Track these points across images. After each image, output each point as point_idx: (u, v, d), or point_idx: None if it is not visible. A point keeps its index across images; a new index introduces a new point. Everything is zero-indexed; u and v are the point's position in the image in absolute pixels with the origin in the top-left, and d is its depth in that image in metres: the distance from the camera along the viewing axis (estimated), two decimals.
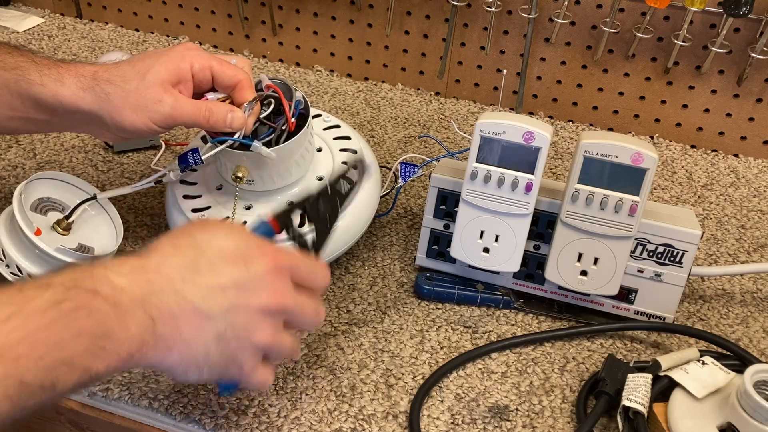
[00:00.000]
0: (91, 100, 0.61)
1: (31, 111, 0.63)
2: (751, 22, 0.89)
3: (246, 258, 0.49)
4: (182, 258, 0.48)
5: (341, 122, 0.79)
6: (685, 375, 0.60)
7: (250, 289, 0.49)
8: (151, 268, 0.47)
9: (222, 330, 0.48)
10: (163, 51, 0.63)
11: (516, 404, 0.63)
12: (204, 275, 0.48)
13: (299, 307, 0.52)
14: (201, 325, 0.47)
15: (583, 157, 0.63)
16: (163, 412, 0.61)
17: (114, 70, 0.62)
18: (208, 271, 0.48)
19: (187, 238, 0.50)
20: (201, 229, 0.51)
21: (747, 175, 0.95)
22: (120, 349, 0.43)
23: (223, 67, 0.63)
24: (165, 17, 1.19)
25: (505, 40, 1.01)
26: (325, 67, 1.14)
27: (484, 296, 0.72)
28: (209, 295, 0.48)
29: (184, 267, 0.48)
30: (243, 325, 0.49)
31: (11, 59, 0.62)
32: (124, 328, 0.44)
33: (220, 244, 0.49)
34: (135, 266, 0.46)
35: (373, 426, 0.60)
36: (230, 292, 0.48)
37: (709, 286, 0.77)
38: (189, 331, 0.47)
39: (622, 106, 1.01)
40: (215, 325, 0.48)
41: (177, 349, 0.47)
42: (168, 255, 0.48)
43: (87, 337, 0.42)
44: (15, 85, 0.62)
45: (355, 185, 0.62)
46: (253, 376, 0.51)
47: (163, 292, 0.46)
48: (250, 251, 0.50)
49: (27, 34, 1.18)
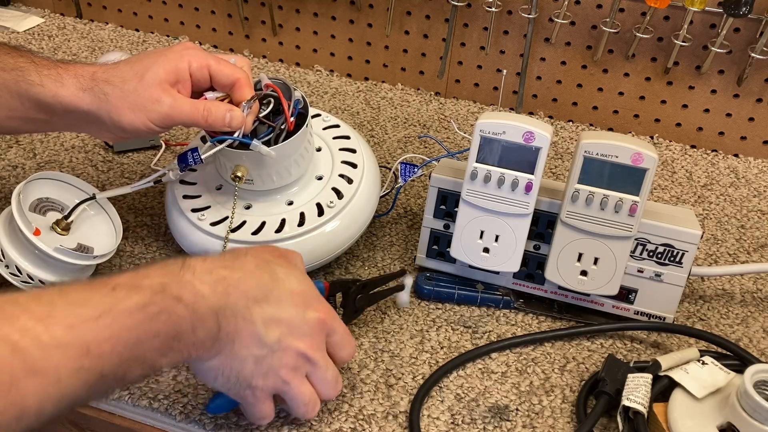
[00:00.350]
0: (90, 101, 0.61)
1: (31, 111, 0.63)
2: (751, 22, 0.89)
3: (307, 305, 0.55)
4: (259, 282, 0.53)
5: (340, 122, 0.79)
6: (685, 375, 0.60)
7: (298, 332, 0.54)
8: (232, 282, 0.51)
9: (264, 354, 0.52)
10: (161, 51, 0.63)
11: (516, 404, 0.63)
12: (271, 305, 0.53)
13: (324, 364, 0.56)
14: (251, 345, 0.52)
15: (583, 157, 0.63)
16: (163, 412, 0.60)
17: (112, 70, 0.62)
18: (275, 303, 0.53)
19: (268, 267, 0.54)
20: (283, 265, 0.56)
21: (747, 175, 0.95)
22: (186, 349, 0.48)
23: (221, 66, 0.63)
24: (165, 17, 1.19)
25: (505, 40, 1.01)
26: (325, 67, 1.14)
27: (484, 296, 0.72)
28: (269, 322, 0.52)
29: (259, 291, 0.52)
30: (278, 359, 0.53)
31: (11, 60, 0.62)
32: (194, 332, 0.48)
33: (292, 285, 0.55)
34: (219, 277, 0.50)
35: (373, 426, 0.60)
36: (284, 327, 0.53)
37: (709, 286, 0.77)
38: (241, 342, 0.51)
39: (622, 106, 1.01)
40: (262, 348, 0.52)
41: (223, 356, 0.51)
42: (249, 275, 0.53)
43: (162, 338, 0.46)
44: (15, 86, 0.62)
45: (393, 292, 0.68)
46: (259, 406, 0.55)
47: (237, 306, 0.51)
48: (311, 300, 0.55)
49: (27, 34, 1.18)
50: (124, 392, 0.61)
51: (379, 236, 0.81)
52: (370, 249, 0.79)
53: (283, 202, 0.71)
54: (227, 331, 0.50)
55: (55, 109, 0.62)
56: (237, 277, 0.51)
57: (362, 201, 0.72)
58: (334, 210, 0.70)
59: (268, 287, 0.53)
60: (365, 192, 0.73)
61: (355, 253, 0.78)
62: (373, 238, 0.80)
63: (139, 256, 0.76)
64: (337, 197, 0.71)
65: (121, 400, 0.61)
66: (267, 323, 0.52)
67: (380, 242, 0.80)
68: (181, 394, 0.62)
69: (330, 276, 0.74)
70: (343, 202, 0.71)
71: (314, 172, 0.73)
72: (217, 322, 0.49)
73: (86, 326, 0.43)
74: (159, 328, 0.46)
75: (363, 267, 0.76)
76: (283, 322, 0.53)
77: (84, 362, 0.42)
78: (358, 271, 0.76)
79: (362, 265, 0.76)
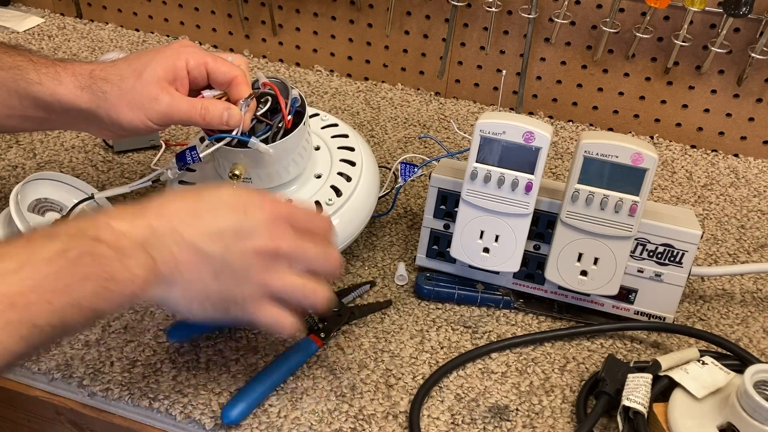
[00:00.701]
0: (88, 99, 0.61)
1: (30, 109, 0.63)
2: (751, 22, 0.89)
3: (246, 206, 0.52)
4: (183, 202, 0.51)
5: (339, 121, 0.79)
6: (685, 375, 0.60)
7: (247, 234, 0.51)
8: (151, 213, 0.50)
9: (219, 269, 0.51)
10: (159, 49, 0.63)
11: (516, 404, 0.63)
12: (204, 219, 0.51)
13: (299, 250, 0.54)
14: (199, 264, 0.50)
15: (583, 157, 0.63)
16: (163, 412, 0.60)
17: (110, 68, 0.62)
18: (207, 214, 0.51)
19: (190, 190, 0.53)
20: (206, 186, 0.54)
21: (747, 175, 0.95)
22: (124, 289, 0.47)
23: (218, 64, 0.63)
24: (165, 17, 1.19)
25: (505, 40, 1.01)
26: (325, 67, 1.14)
27: (484, 296, 0.72)
28: (208, 237, 0.50)
29: (185, 211, 0.51)
30: (240, 265, 0.51)
31: (8, 59, 0.62)
32: (127, 270, 0.47)
33: (221, 194, 0.53)
34: (136, 211, 0.49)
35: (373, 426, 0.60)
36: (228, 235, 0.51)
37: (709, 286, 0.77)
38: (188, 269, 0.50)
39: (622, 106, 1.01)
40: (213, 264, 0.50)
41: (179, 286, 0.50)
42: (169, 200, 0.51)
43: (93, 280, 0.45)
44: (13, 84, 0.62)
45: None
46: (258, 314, 0.53)
47: (164, 235, 0.49)
48: (250, 201, 0.53)
49: (27, 34, 1.18)
50: (125, 392, 0.61)
51: (379, 236, 0.81)
52: (370, 249, 0.79)
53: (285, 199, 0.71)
54: (165, 261, 0.49)
55: (53, 107, 0.62)
56: (156, 207, 0.50)
57: (361, 199, 0.72)
58: (332, 208, 0.70)
59: (193, 204, 0.51)
60: (364, 190, 0.73)
61: (355, 253, 0.78)
62: (373, 238, 0.80)
63: None
64: (335, 195, 0.71)
65: (121, 400, 0.61)
66: (206, 239, 0.50)
67: (380, 242, 0.80)
68: (181, 395, 0.62)
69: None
70: (342, 200, 0.71)
71: (313, 171, 0.73)
72: (149, 254, 0.48)
73: (6, 280, 0.42)
74: (86, 271, 0.45)
75: (363, 267, 0.76)
76: (225, 231, 0.51)
77: (10, 316, 0.42)
78: (358, 271, 0.76)
79: (362, 265, 0.76)
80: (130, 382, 0.62)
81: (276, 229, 0.53)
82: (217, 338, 0.67)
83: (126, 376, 0.63)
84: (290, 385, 0.63)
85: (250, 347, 0.66)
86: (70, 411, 0.63)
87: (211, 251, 0.50)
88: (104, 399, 0.62)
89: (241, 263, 0.51)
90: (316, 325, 0.67)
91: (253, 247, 0.51)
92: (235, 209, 0.52)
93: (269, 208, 0.53)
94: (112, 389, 0.62)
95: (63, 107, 0.62)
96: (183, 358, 0.65)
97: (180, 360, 0.65)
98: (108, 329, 0.67)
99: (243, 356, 0.65)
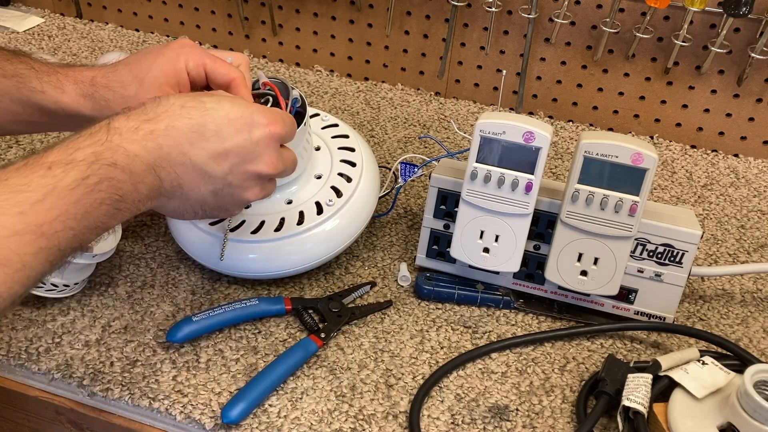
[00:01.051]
0: (91, 107, 0.62)
1: (35, 116, 0.64)
2: (751, 22, 0.89)
3: (250, 125, 0.54)
4: (189, 120, 0.52)
5: (339, 121, 0.79)
6: (685, 375, 0.60)
7: (250, 157, 0.55)
8: (160, 133, 0.51)
9: (219, 188, 0.55)
10: (159, 50, 0.63)
11: (516, 404, 0.63)
12: (210, 140, 0.53)
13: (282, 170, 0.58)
14: (201, 182, 0.54)
15: (583, 157, 0.63)
16: (163, 412, 0.61)
17: (112, 75, 0.62)
18: (214, 135, 0.53)
19: (194, 101, 0.53)
20: (208, 94, 0.55)
21: (747, 175, 0.95)
22: (132, 207, 0.51)
23: (216, 65, 0.63)
24: (165, 17, 1.19)
25: (505, 40, 1.01)
26: (325, 67, 1.14)
27: (484, 296, 0.72)
28: (213, 159, 0.53)
29: (191, 131, 0.52)
30: (238, 185, 0.55)
31: (10, 66, 0.62)
32: (137, 191, 0.50)
33: (226, 111, 0.54)
34: (146, 132, 0.51)
35: (373, 426, 0.60)
36: (232, 156, 0.54)
37: (709, 286, 0.77)
38: (189, 185, 0.53)
39: (622, 106, 1.01)
40: (214, 183, 0.54)
41: (177, 198, 0.54)
42: (176, 117, 0.52)
43: (107, 204, 0.49)
44: (16, 92, 0.62)
45: None
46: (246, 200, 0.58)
47: (171, 156, 0.52)
48: (253, 116, 0.55)
49: (27, 34, 1.18)
50: (125, 392, 0.61)
51: (379, 236, 0.81)
52: (370, 249, 0.79)
53: (282, 200, 0.71)
54: (170, 180, 0.52)
55: (57, 114, 0.63)
56: (164, 127, 0.51)
57: (361, 199, 0.72)
58: (333, 208, 0.70)
59: (200, 123, 0.53)
60: (364, 190, 0.73)
61: (355, 253, 0.78)
62: (373, 238, 0.80)
63: (138, 255, 0.76)
64: (336, 196, 0.71)
65: (121, 400, 0.61)
66: (211, 160, 0.53)
67: (380, 242, 0.80)
68: (181, 394, 0.62)
69: (330, 276, 0.74)
70: (342, 201, 0.71)
71: (313, 171, 0.73)
72: (157, 175, 0.51)
73: (34, 210, 0.45)
74: (103, 196, 0.48)
75: (363, 267, 0.76)
76: (231, 152, 0.53)
77: (41, 243, 0.45)
78: (358, 271, 0.76)
79: (362, 265, 0.76)
80: (130, 382, 0.62)
81: (274, 153, 0.56)
82: (217, 338, 0.67)
83: (126, 376, 0.63)
84: (290, 385, 0.63)
85: (250, 347, 0.66)
86: (70, 411, 0.63)
87: (214, 173, 0.53)
88: (104, 399, 0.62)
89: (240, 183, 0.55)
90: (316, 325, 0.67)
91: (255, 171, 0.55)
92: (240, 128, 0.54)
93: (271, 124, 0.55)
94: (112, 389, 0.62)
95: (66, 114, 0.62)
96: (183, 358, 0.65)
97: (180, 360, 0.65)
98: (108, 329, 0.67)
99: (243, 356, 0.65)
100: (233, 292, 0.72)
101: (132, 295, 0.71)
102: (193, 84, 0.64)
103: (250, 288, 0.73)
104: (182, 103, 0.53)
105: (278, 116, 0.57)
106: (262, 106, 0.57)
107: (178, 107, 0.53)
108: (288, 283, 0.73)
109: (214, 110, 0.53)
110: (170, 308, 0.70)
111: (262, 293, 0.72)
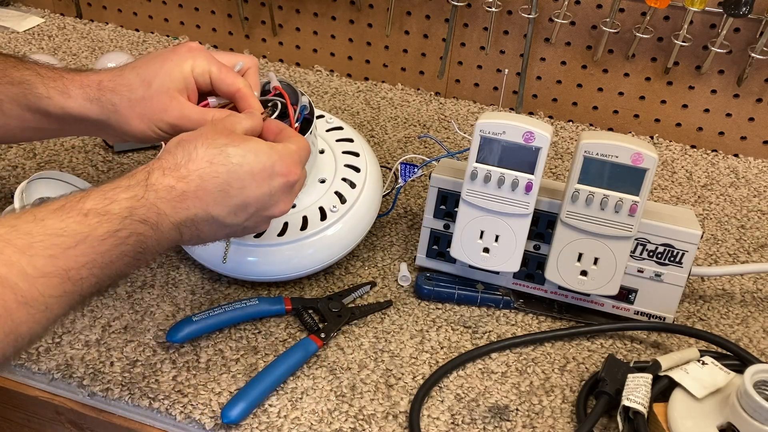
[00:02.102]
0: (98, 111, 0.62)
1: (43, 122, 0.64)
2: (751, 22, 0.89)
3: (271, 176, 0.56)
4: (216, 180, 0.54)
5: (344, 124, 0.79)
6: (685, 375, 0.60)
7: (268, 205, 0.57)
8: (191, 195, 0.53)
9: (234, 231, 0.57)
10: (166, 54, 0.62)
11: (516, 404, 0.63)
12: (234, 197, 0.55)
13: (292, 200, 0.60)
14: (219, 230, 0.56)
15: (583, 157, 0.63)
16: (163, 412, 0.61)
17: (119, 78, 0.62)
18: (237, 192, 0.55)
19: (221, 156, 0.54)
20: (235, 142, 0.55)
21: (747, 175, 0.95)
22: (150, 258, 0.53)
23: (222, 75, 0.62)
24: (165, 17, 1.19)
25: (505, 40, 1.01)
26: (325, 67, 1.14)
27: (484, 296, 0.72)
28: (233, 212, 0.55)
29: (218, 190, 0.54)
30: (252, 227, 0.58)
31: (17, 73, 0.62)
32: (159, 245, 0.52)
33: (250, 164, 0.55)
34: (179, 193, 0.52)
35: (373, 426, 0.60)
36: (251, 208, 0.56)
37: (709, 286, 0.77)
38: (207, 235, 0.56)
39: (622, 106, 1.01)
40: (231, 229, 0.57)
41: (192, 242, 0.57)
42: (205, 177, 0.53)
43: (130, 255, 0.50)
44: (24, 100, 0.62)
45: None
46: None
47: (197, 216, 0.54)
48: (275, 169, 0.56)
49: (27, 34, 1.18)
50: (125, 392, 0.61)
51: (379, 236, 0.81)
52: (370, 249, 0.79)
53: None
54: (189, 234, 0.54)
55: (65, 119, 0.63)
56: (194, 188, 0.53)
57: (365, 205, 0.72)
58: (336, 215, 0.70)
59: (226, 182, 0.54)
60: (368, 196, 0.72)
61: (355, 253, 0.78)
62: (373, 238, 0.80)
63: None
64: (339, 201, 0.71)
65: (121, 400, 0.61)
66: (234, 212, 0.55)
67: (380, 242, 0.80)
68: (181, 394, 0.62)
69: (330, 276, 0.74)
70: (346, 207, 0.71)
71: (317, 175, 0.73)
72: (180, 231, 0.53)
73: (65, 255, 0.46)
74: (128, 249, 0.50)
75: (363, 267, 0.76)
76: (251, 204, 0.55)
77: (66, 287, 0.46)
78: (358, 271, 0.76)
79: (362, 265, 0.76)
80: (130, 382, 0.62)
81: (290, 198, 0.59)
82: (217, 338, 0.67)
83: (126, 376, 0.63)
84: (290, 385, 0.63)
85: (250, 347, 0.66)
86: (70, 411, 0.63)
87: (233, 222, 0.56)
88: (104, 399, 0.62)
89: (254, 225, 0.58)
90: (316, 325, 0.68)
91: (270, 215, 0.58)
92: (262, 182, 0.55)
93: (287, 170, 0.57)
94: (112, 389, 0.62)
95: (74, 119, 0.63)
96: (183, 358, 0.65)
97: (180, 360, 0.65)
98: (108, 329, 0.67)
99: (243, 356, 0.65)
100: (233, 292, 0.72)
101: (132, 295, 0.71)
102: (199, 89, 0.63)
103: (250, 288, 0.73)
104: (210, 159, 0.53)
105: (297, 161, 0.58)
106: (284, 151, 0.57)
107: (206, 163, 0.53)
108: (288, 283, 0.73)
109: (240, 166, 0.54)
110: (170, 308, 0.70)
111: (262, 293, 0.72)
